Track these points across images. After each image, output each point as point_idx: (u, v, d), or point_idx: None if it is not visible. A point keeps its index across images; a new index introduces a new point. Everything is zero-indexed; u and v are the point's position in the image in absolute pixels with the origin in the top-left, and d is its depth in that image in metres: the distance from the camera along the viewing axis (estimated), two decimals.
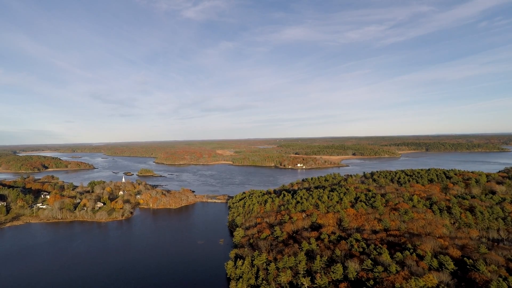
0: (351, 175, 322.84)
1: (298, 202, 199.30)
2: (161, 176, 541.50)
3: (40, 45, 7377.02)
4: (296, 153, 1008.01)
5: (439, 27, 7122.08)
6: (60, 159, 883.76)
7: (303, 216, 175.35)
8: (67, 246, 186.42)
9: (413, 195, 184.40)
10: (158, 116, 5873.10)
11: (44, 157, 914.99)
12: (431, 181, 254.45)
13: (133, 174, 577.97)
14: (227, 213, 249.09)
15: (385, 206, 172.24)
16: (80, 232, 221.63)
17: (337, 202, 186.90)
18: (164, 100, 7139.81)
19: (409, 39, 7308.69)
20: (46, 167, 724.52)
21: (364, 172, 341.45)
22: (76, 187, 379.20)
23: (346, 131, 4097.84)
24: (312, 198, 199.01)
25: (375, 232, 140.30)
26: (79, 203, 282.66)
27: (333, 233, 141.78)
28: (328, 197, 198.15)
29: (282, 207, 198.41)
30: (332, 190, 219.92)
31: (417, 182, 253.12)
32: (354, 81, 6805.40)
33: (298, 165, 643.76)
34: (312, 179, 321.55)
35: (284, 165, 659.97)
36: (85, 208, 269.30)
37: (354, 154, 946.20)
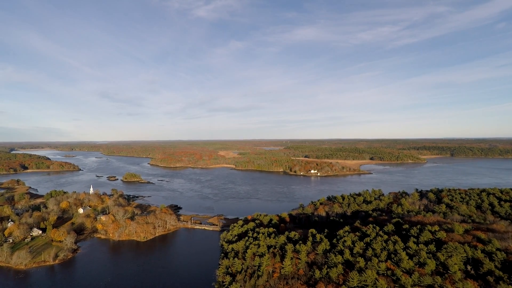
0: (401, 194, 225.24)
1: (348, 262, 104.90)
2: (148, 182, 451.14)
3: (51, 43, 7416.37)
4: (306, 156, 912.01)
5: (455, 28, 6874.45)
6: (47, 158, 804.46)
7: None
8: None
9: None
10: (165, 115, 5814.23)
11: (30, 155, 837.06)
12: None
13: (117, 179, 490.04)
14: (219, 256, 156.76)
15: None
16: None
17: (439, 273, 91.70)
18: (172, 99, 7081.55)
19: (423, 40, 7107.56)
20: (26, 168, 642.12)
21: (418, 189, 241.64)
22: (28, 196, 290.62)
23: (354, 133, 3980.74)
24: (376, 256, 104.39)
25: None
26: (5, 229, 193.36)
27: None
28: (406, 253, 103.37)
29: (317, 271, 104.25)
30: (403, 232, 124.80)
31: None
32: (364, 83, 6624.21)
33: (312, 171, 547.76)
34: (343, 198, 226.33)
35: (295, 171, 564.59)
36: (9, 240, 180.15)
37: (372, 159, 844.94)
